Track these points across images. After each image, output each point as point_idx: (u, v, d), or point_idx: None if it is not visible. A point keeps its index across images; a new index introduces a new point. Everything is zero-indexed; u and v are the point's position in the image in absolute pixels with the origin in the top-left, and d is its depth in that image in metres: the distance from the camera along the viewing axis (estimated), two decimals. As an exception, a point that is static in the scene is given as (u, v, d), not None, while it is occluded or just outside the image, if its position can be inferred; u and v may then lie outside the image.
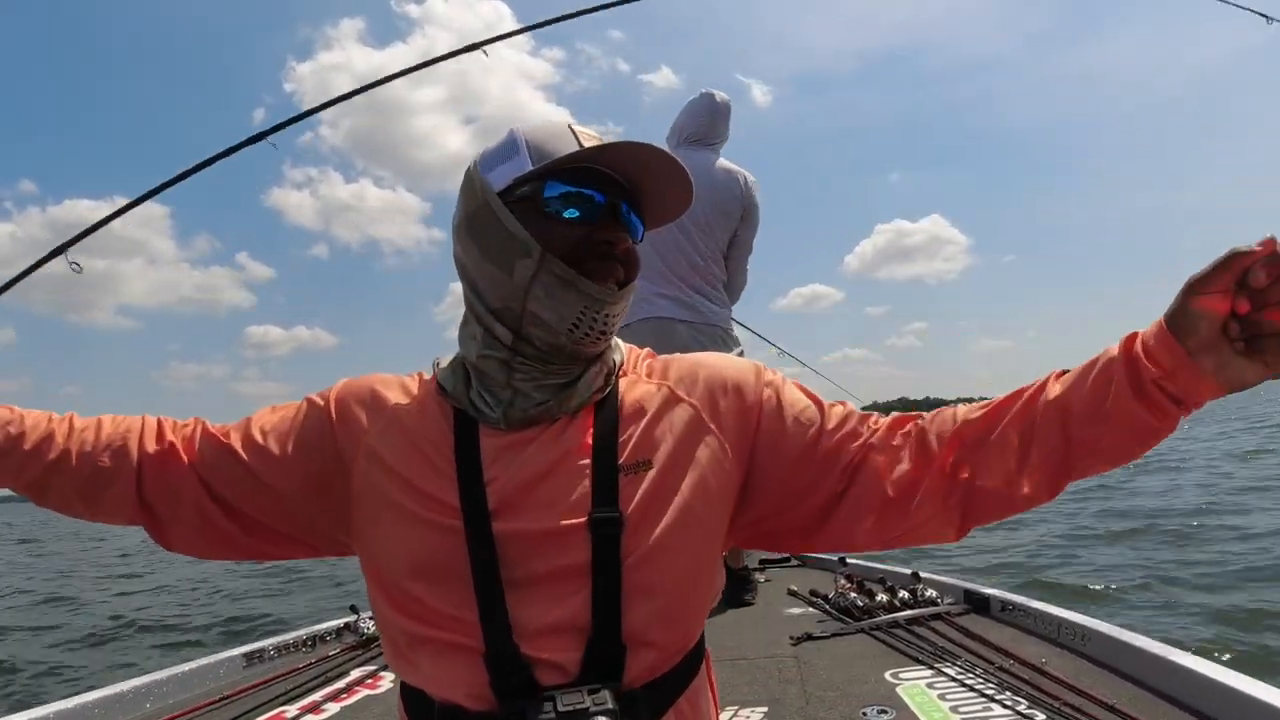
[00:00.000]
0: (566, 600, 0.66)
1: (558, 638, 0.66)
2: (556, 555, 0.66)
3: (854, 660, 1.78)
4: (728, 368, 0.77)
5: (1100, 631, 1.61)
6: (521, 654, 0.65)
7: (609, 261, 0.70)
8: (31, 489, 0.74)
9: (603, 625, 0.65)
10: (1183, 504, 7.69)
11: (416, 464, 0.72)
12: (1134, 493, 8.90)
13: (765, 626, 2.20)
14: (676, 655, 0.70)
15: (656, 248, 2.50)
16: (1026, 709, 1.37)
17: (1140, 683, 1.43)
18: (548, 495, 0.68)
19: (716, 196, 2.57)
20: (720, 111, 2.64)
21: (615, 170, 0.72)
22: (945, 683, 1.56)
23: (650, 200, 0.74)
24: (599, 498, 0.67)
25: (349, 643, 2.29)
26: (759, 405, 0.74)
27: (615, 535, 0.66)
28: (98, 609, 7.33)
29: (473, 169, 0.73)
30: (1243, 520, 6.35)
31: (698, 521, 0.70)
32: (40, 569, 12.41)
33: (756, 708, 1.53)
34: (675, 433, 0.71)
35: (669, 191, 0.73)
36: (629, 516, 0.67)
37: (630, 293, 0.73)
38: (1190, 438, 16.39)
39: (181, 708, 1.74)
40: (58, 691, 4.26)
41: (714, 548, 0.74)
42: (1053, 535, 6.78)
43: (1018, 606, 1.96)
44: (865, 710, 1.45)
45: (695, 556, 0.71)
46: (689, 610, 0.72)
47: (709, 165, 2.61)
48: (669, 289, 2.53)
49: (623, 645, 0.65)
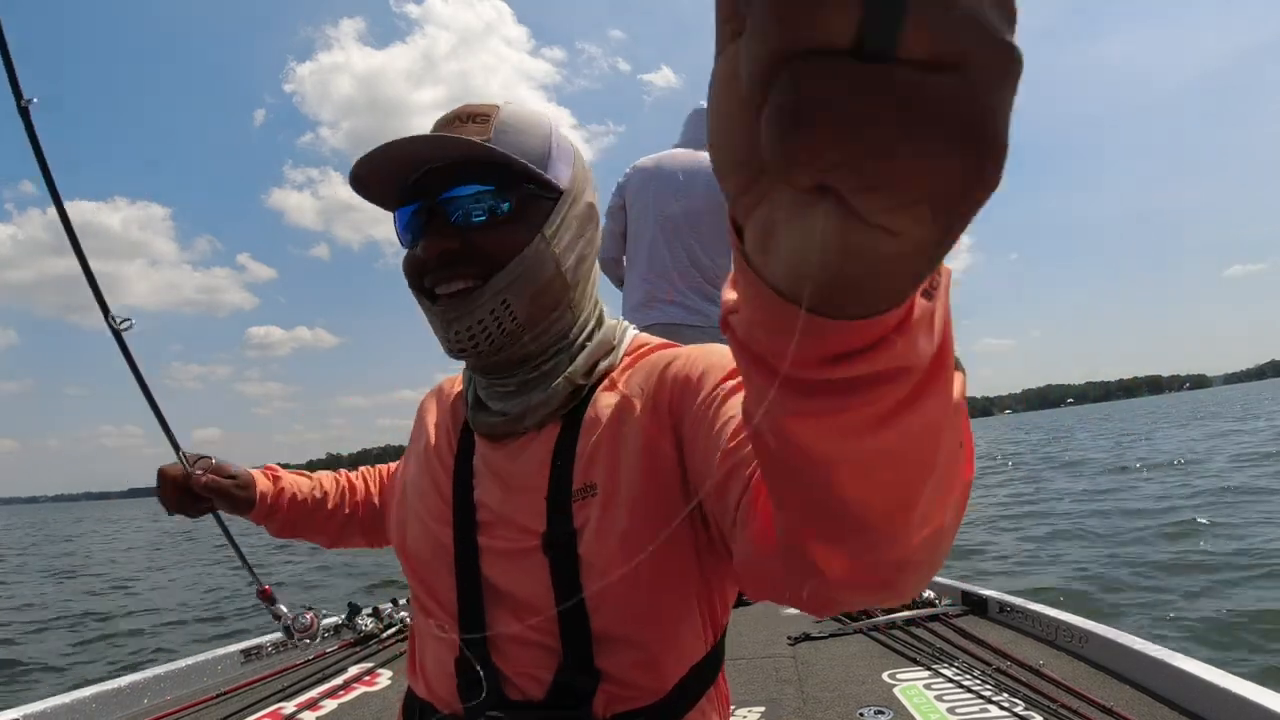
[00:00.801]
0: (535, 622, 0.64)
1: (528, 654, 0.65)
2: (522, 575, 0.65)
3: (852, 661, 1.78)
4: (702, 358, 0.64)
5: (1098, 634, 1.61)
6: (494, 665, 0.65)
7: (434, 273, 0.65)
8: (332, 542, 0.99)
9: (572, 651, 0.63)
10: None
11: (429, 467, 0.75)
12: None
13: (763, 626, 2.20)
14: (650, 695, 0.64)
15: (667, 249, 2.50)
16: (1024, 710, 1.37)
17: (1137, 685, 1.43)
18: (512, 513, 0.67)
19: (721, 197, 2.59)
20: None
21: (414, 168, 0.66)
22: (943, 683, 1.57)
23: (453, 172, 0.65)
24: (552, 521, 0.64)
25: (346, 640, 2.29)
26: (707, 396, 0.60)
27: (572, 560, 0.63)
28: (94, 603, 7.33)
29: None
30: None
31: (642, 548, 0.61)
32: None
33: (754, 707, 1.53)
34: (627, 450, 0.64)
35: (457, 164, 0.65)
36: (582, 540, 0.63)
37: (490, 291, 0.64)
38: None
39: (179, 703, 1.74)
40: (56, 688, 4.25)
41: (677, 580, 0.64)
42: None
43: (1015, 608, 1.96)
44: (863, 710, 1.45)
45: (654, 588, 0.63)
46: (659, 644, 0.64)
47: (698, 155, 2.61)
48: (676, 293, 2.53)
49: (595, 673, 0.63)
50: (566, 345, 0.70)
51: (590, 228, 0.72)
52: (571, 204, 0.69)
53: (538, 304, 0.67)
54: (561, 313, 0.69)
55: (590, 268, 0.73)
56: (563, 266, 0.68)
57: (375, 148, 0.62)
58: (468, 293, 0.64)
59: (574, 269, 0.69)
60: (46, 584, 9.41)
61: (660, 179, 2.56)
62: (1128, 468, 11.93)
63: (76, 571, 10.93)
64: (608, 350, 0.71)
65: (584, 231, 0.71)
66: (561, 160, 0.70)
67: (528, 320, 0.67)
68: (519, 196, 0.66)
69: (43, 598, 8.11)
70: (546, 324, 0.68)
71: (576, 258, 0.70)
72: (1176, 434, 20.09)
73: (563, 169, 0.70)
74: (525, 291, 0.66)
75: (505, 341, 0.66)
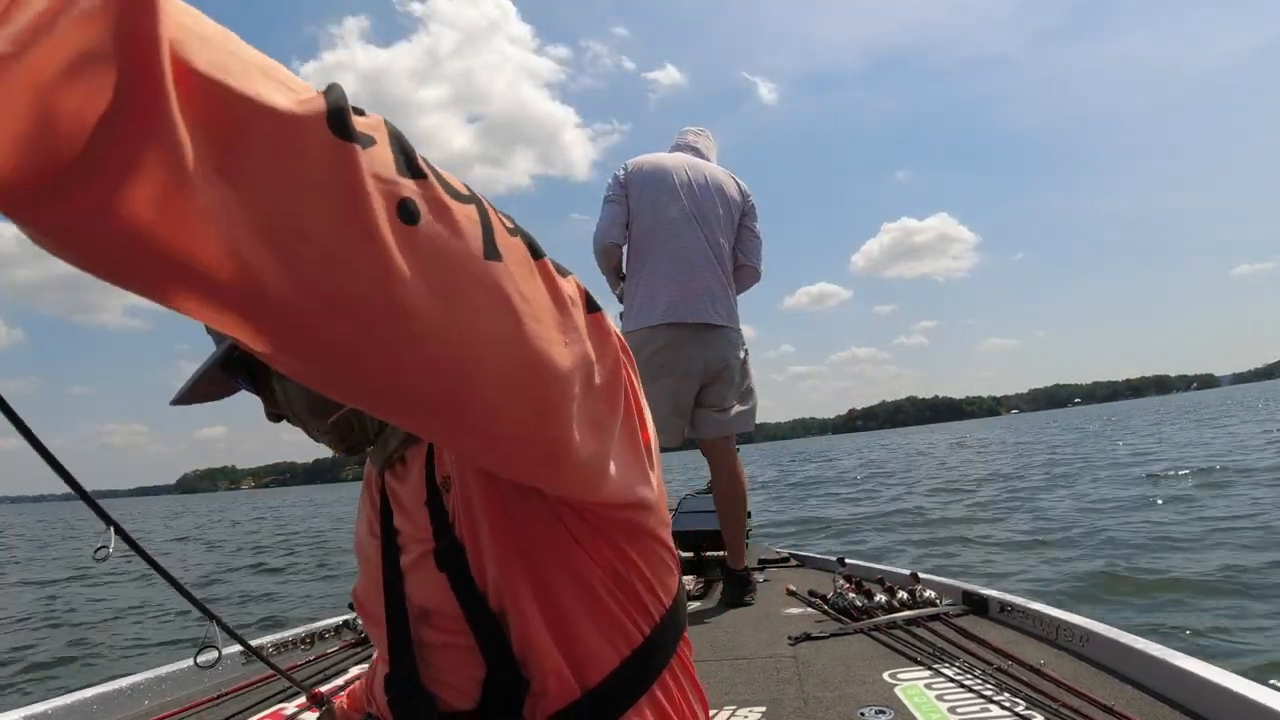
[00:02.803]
0: (451, 629, 0.65)
1: (455, 665, 0.66)
2: (428, 585, 0.67)
3: (852, 660, 1.78)
4: None
5: (1099, 633, 1.61)
6: (421, 680, 0.67)
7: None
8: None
9: (491, 653, 0.64)
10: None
11: (366, 510, 0.80)
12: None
13: (764, 626, 2.19)
14: (575, 692, 0.63)
15: (687, 243, 2.50)
16: (1025, 710, 1.37)
17: (1139, 684, 1.43)
18: (412, 530, 0.69)
19: (723, 190, 2.59)
20: (696, 142, 2.74)
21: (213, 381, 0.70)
22: (944, 683, 1.56)
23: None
24: (434, 524, 0.66)
25: (347, 640, 2.29)
26: None
27: (459, 556, 0.64)
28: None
29: None
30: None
31: (501, 529, 0.62)
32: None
33: (755, 708, 1.53)
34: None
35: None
36: (460, 533, 0.64)
37: (304, 431, 0.71)
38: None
39: (180, 704, 1.74)
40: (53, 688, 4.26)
41: (559, 566, 0.63)
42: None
43: (1016, 608, 1.96)
44: (863, 710, 1.45)
45: (539, 575, 0.63)
46: (572, 636, 0.63)
47: (706, 164, 2.64)
48: (705, 286, 2.50)
49: (521, 675, 0.63)
50: None
51: None
52: None
53: (322, 408, 0.69)
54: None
55: None
56: None
57: (184, 391, 0.68)
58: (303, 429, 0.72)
59: None
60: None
61: (661, 178, 2.55)
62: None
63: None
64: None
65: None
66: None
67: (339, 418, 0.70)
68: (244, 362, 0.68)
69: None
70: (347, 406, 0.69)
71: None
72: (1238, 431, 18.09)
73: None
74: (309, 415, 0.69)
75: (350, 433, 0.71)
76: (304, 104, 0.33)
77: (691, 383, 2.50)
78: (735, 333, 2.57)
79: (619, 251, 2.58)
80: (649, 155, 2.63)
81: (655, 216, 2.50)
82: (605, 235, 2.56)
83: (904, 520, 8.69)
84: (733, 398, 2.57)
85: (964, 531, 7.26)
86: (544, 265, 0.46)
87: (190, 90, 0.29)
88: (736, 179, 2.66)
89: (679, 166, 2.57)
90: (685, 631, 0.74)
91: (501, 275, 0.40)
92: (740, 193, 2.64)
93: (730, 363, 2.54)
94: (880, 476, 17.32)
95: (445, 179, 0.39)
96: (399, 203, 0.35)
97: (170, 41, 0.28)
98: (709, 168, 2.61)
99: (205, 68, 0.29)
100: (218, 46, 0.30)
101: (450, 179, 0.40)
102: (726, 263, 2.57)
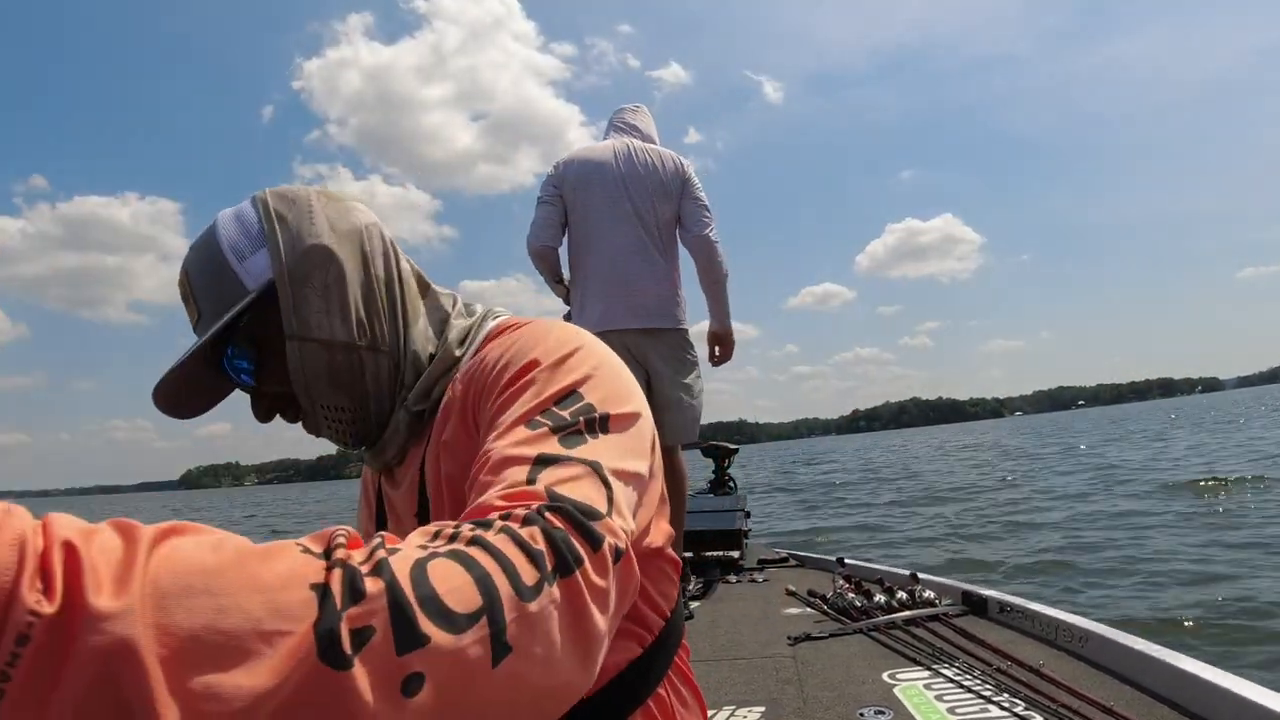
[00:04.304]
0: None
1: None
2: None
3: (852, 661, 1.79)
4: (513, 352, 0.60)
5: (1098, 634, 1.61)
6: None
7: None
8: None
9: None
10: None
11: (365, 514, 0.79)
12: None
13: (764, 626, 2.20)
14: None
15: (607, 242, 2.39)
16: (1024, 710, 1.37)
17: (1138, 685, 1.43)
18: (403, 537, 0.68)
19: (658, 171, 2.46)
20: (634, 119, 2.63)
21: (192, 382, 0.69)
22: (943, 683, 1.57)
23: (216, 357, 0.68)
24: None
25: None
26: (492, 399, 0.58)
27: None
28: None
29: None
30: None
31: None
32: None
33: (754, 707, 1.53)
34: (449, 454, 0.63)
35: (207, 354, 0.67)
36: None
37: (308, 411, 0.67)
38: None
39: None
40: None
41: None
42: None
43: (1015, 608, 1.96)
44: (863, 710, 1.45)
45: None
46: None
47: (641, 146, 2.51)
48: (640, 288, 2.38)
49: None
50: (404, 383, 0.68)
51: (342, 262, 0.66)
52: (295, 280, 0.64)
53: (341, 381, 0.66)
54: (374, 361, 0.67)
55: (386, 294, 0.68)
56: (335, 337, 0.65)
57: (158, 384, 0.66)
58: (304, 419, 0.68)
59: (355, 322, 0.66)
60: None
61: (593, 174, 2.44)
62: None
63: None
64: (448, 365, 0.68)
65: (333, 279, 0.65)
66: (248, 256, 0.65)
67: (355, 396, 0.67)
68: (249, 335, 0.66)
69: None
70: (367, 381, 0.67)
71: (346, 308, 0.66)
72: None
73: (256, 263, 0.65)
74: (325, 388, 0.66)
75: (363, 419, 0.68)
76: (290, 659, 0.30)
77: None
78: (674, 334, 2.44)
79: (553, 254, 2.48)
80: (581, 149, 2.52)
81: (587, 217, 2.42)
82: (537, 238, 2.45)
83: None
84: (668, 406, 2.40)
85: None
86: (571, 588, 0.40)
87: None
88: (674, 154, 2.52)
89: (612, 157, 2.46)
90: (685, 638, 0.73)
91: (513, 668, 0.37)
92: (677, 166, 2.50)
93: (660, 369, 2.40)
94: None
95: (449, 609, 0.35)
96: (402, 683, 0.33)
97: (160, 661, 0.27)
98: (644, 150, 2.49)
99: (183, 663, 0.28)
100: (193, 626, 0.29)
101: (460, 592, 0.36)
102: (667, 253, 2.46)
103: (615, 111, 2.69)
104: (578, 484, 0.47)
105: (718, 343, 2.62)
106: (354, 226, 0.68)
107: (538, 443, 0.50)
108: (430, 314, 0.71)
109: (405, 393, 0.68)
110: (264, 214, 0.65)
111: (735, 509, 3.51)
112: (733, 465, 4.29)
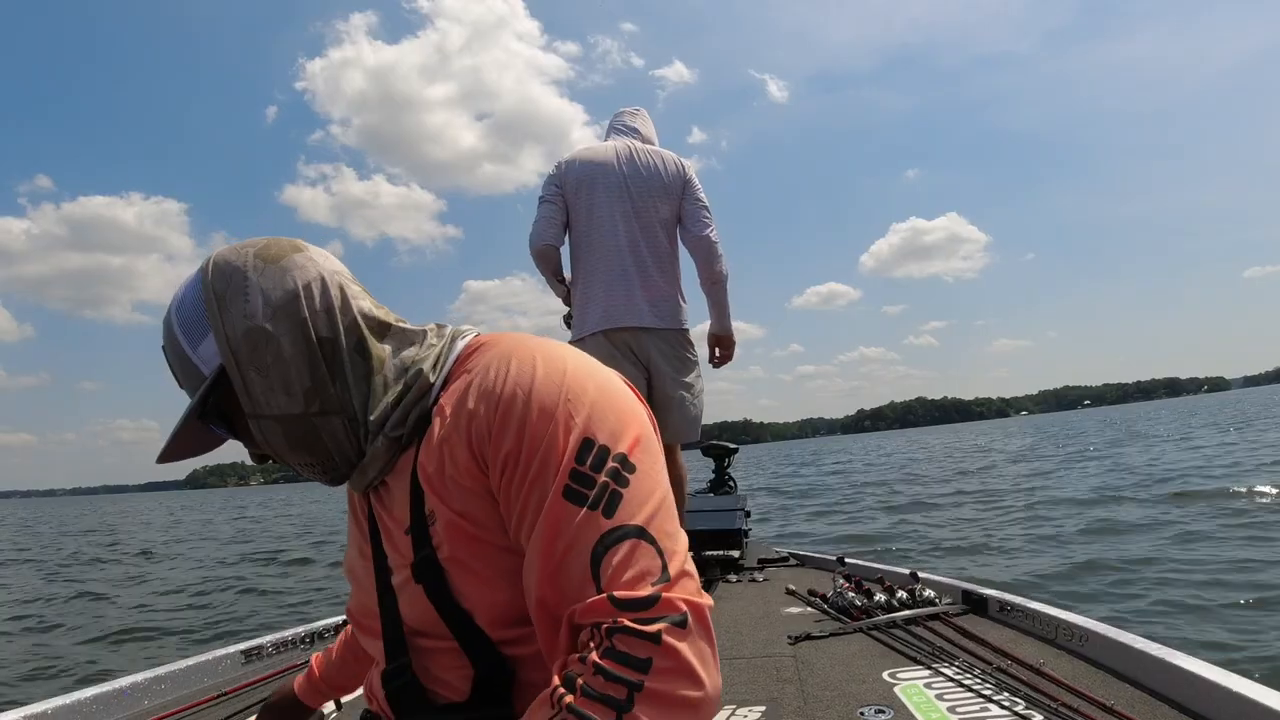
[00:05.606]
0: (442, 636, 0.69)
1: (448, 670, 0.70)
2: (413, 605, 0.70)
3: (852, 660, 1.78)
4: (505, 388, 0.63)
5: (1099, 633, 1.60)
6: (413, 672, 0.71)
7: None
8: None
9: (480, 660, 0.67)
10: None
11: (354, 533, 0.81)
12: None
13: (763, 626, 2.20)
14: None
15: (601, 236, 2.40)
16: (1024, 709, 1.37)
17: (1139, 684, 1.43)
18: (397, 553, 0.71)
19: (660, 172, 2.47)
20: (634, 122, 2.64)
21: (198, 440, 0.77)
22: (943, 683, 1.56)
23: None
24: (416, 551, 0.68)
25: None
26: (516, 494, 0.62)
27: (438, 579, 0.67)
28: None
29: None
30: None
31: (480, 566, 0.66)
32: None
33: (754, 707, 1.53)
34: (445, 476, 0.65)
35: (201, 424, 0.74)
36: (442, 560, 0.67)
37: (288, 466, 0.74)
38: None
39: (179, 704, 1.74)
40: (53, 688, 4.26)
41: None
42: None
43: (1016, 607, 1.96)
44: (863, 710, 1.45)
45: (517, 599, 0.64)
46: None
47: (643, 147, 2.52)
48: (641, 288, 2.39)
49: (509, 670, 0.67)
50: (370, 421, 0.70)
51: (279, 340, 0.68)
52: (240, 364, 0.68)
53: (301, 445, 0.71)
54: (327, 424, 0.70)
55: (333, 356, 0.70)
56: (287, 410, 0.69)
57: (162, 452, 0.75)
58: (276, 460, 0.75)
59: (301, 393, 0.69)
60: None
61: (595, 174, 2.44)
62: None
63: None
64: (423, 392, 0.70)
65: (272, 359, 0.68)
66: (199, 342, 0.69)
67: (316, 454, 0.71)
68: (218, 410, 0.72)
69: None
70: (325, 442, 0.71)
71: (289, 384, 0.68)
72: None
73: (206, 349, 0.69)
74: (289, 452, 0.71)
75: (332, 467, 0.72)
76: None
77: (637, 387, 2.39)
78: (675, 333, 2.45)
79: (556, 254, 2.48)
80: (583, 149, 2.52)
81: (590, 216, 2.42)
82: (540, 238, 2.45)
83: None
84: (669, 405, 2.42)
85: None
86: (652, 694, 0.52)
87: None
88: (675, 155, 2.53)
89: (614, 158, 2.46)
90: None
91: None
92: (679, 167, 2.50)
93: (661, 368, 2.41)
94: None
95: None
96: None
97: None
98: (645, 151, 2.50)
99: None
100: None
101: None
102: (668, 253, 2.47)
103: (615, 114, 2.70)
104: (635, 564, 0.56)
105: (718, 344, 2.62)
106: (290, 293, 0.69)
107: (586, 527, 0.57)
108: (395, 351, 0.73)
109: (373, 437, 0.70)
110: (206, 294, 0.69)
111: (735, 508, 3.51)
112: (733, 466, 4.29)
